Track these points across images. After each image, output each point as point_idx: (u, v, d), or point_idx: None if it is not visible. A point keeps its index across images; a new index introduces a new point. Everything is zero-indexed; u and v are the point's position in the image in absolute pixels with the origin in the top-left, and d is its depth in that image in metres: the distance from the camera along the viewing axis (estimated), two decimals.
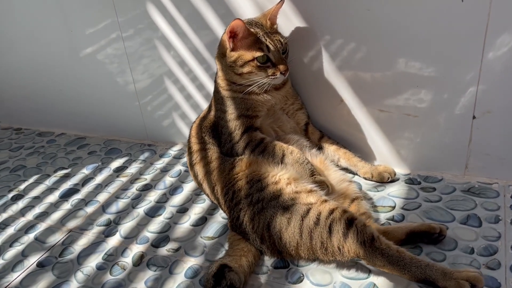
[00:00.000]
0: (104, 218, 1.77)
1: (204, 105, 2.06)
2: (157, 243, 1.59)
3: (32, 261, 1.58)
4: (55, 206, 1.90)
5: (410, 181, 1.75)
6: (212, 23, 1.86)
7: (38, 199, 1.96)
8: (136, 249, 1.58)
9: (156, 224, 1.69)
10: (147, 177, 2.02)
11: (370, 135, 1.81)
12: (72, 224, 1.76)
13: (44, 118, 2.64)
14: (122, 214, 1.78)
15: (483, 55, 1.48)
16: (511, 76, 1.49)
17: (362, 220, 1.31)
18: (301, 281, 1.35)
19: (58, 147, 2.42)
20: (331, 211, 1.33)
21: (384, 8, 1.55)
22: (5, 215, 1.87)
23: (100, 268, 1.51)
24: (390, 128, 1.76)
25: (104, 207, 1.84)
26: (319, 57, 1.74)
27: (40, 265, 1.56)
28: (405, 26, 1.55)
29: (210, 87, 1.97)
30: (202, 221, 1.68)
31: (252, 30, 1.56)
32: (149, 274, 1.45)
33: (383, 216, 1.58)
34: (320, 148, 1.80)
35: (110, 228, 1.70)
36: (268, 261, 1.45)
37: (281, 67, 1.57)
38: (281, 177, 1.48)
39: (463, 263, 1.33)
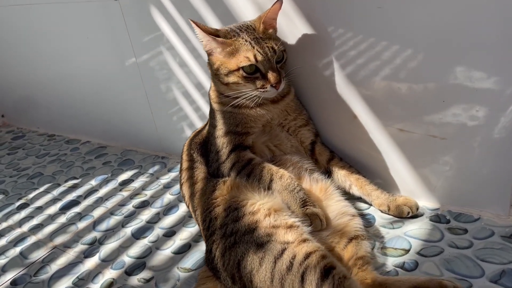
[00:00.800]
0: (91, 236, 1.66)
1: None
2: (131, 270, 1.44)
3: (8, 277, 1.51)
4: (51, 218, 1.83)
5: (437, 218, 1.42)
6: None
7: (39, 209, 1.92)
8: (108, 274, 1.44)
9: (137, 248, 1.55)
10: (148, 193, 1.89)
11: (390, 159, 1.51)
12: (59, 240, 1.67)
13: (75, 126, 2.64)
14: (109, 233, 1.66)
15: None
16: None
17: (342, 271, 1.04)
18: None
19: (78, 156, 2.39)
20: (307, 255, 1.08)
21: (397, 6, 1.26)
22: (4, 225, 1.85)
23: None
24: (413, 151, 1.45)
25: (95, 224, 1.74)
26: (330, 66, 1.48)
27: (14, 283, 1.48)
28: (417, 28, 1.25)
29: None
30: (185, 249, 1.50)
31: (230, 38, 1.34)
32: None
33: (391, 262, 1.28)
34: (328, 171, 1.54)
35: (92, 248, 1.59)
36: None
37: (272, 78, 1.33)
38: (260, 207, 1.25)
39: None
